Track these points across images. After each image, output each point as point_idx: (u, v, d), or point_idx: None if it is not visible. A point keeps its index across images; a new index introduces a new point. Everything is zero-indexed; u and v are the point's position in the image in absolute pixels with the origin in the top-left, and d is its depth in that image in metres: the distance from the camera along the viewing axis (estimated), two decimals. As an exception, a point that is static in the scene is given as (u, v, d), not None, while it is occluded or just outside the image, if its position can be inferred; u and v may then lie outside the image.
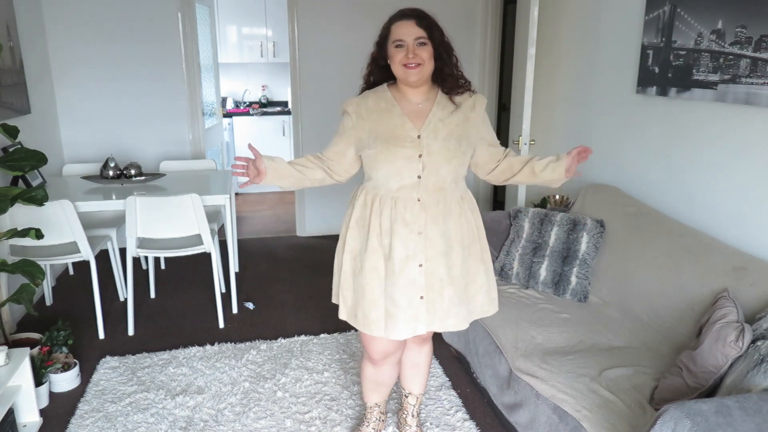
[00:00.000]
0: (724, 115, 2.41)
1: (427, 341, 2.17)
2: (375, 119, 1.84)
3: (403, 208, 1.83)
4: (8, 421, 2.22)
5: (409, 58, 1.76)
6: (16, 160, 2.61)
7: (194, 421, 2.42)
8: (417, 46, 1.77)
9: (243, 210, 5.90)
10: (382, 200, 1.85)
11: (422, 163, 1.80)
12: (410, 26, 1.78)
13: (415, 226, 1.83)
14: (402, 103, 1.86)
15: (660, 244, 2.47)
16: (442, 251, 1.85)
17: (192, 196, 2.98)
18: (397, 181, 1.82)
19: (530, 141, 3.54)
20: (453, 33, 1.88)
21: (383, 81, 1.91)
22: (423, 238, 1.83)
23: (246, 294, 3.69)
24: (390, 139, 1.81)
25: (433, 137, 1.81)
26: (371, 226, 1.86)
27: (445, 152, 1.80)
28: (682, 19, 2.58)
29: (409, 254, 1.83)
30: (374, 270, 1.87)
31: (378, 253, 1.86)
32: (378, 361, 2.07)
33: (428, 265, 1.85)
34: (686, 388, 1.80)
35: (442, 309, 1.88)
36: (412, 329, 1.88)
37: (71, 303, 3.55)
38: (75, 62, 4.15)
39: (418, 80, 1.80)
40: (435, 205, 1.84)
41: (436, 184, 1.83)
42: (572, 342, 2.27)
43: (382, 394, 2.23)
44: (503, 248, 2.90)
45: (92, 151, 4.30)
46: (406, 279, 1.84)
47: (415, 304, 1.86)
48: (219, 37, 6.06)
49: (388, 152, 1.80)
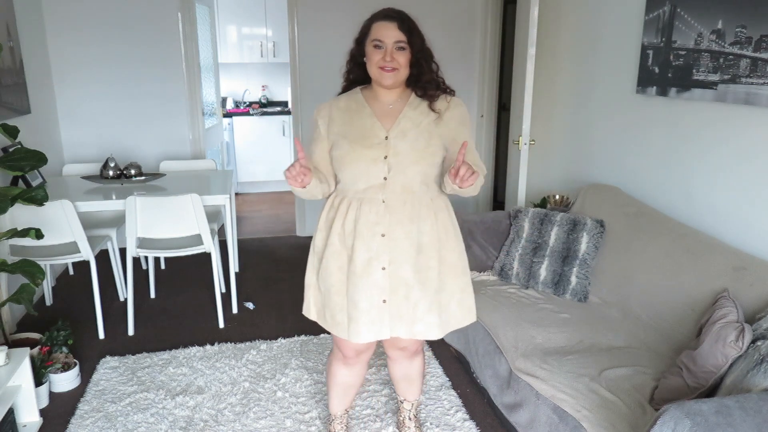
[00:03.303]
0: (724, 115, 2.41)
1: (417, 353, 2.12)
2: (345, 120, 1.82)
3: (368, 210, 1.80)
4: (8, 421, 2.22)
5: (386, 61, 1.74)
6: (16, 160, 2.62)
7: (194, 421, 2.42)
8: (396, 50, 1.74)
9: (243, 210, 5.90)
10: (348, 201, 1.83)
11: (388, 164, 1.77)
12: (392, 28, 1.75)
13: (378, 228, 1.80)
14: (373, 103, 1.84)
15: (660, 244, 2.47)
16: (409, 255, 1.81)
17: (192, 196, 2.98)
18: (363, 182, 1.79)
19: (530, 141, 3.54)
20: (453, 33, 1.88)
21: (363, 79, 1.88)
22: (387, 240, 1.80)
23: (246, 294, 3.69)
24: (357, 140, 1.78)
25: (401, 138, 1.78)
26: (334, 227, 1.84)
27: (412, 153, 1.77)
28: (682, 19, 2.58)
29: (371, 256, 1.80)
30: (339, 271, 1.85)
31: (341, 254, 1.84)
32: (351, 359, 2.05)
33: (392, 268, 1.81)
34: (686, 388, 1.80)
35: (409, 314, 1.84)
36: (375, 333, 1.84)
37: (71, 303, 3.55)
38: (75, 62, 4.16)
39: (392, 84, 1.79)
40: (401, 207, 1.80)
41: (404, 186, 1.79)
42: (572, 342, 2.27)
43: (350, 398, 2.21)
44: (503, 248, 2.90)
45: (92, 151, 4.30)
46: (368, 282, 1.81)
47: (377, 307, 1.82)
48: (219, 37, 6.06)
49: (354, 153, 1.78)
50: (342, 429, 2.25)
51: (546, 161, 3.94)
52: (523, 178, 3.60)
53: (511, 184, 3.82)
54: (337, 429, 2.24)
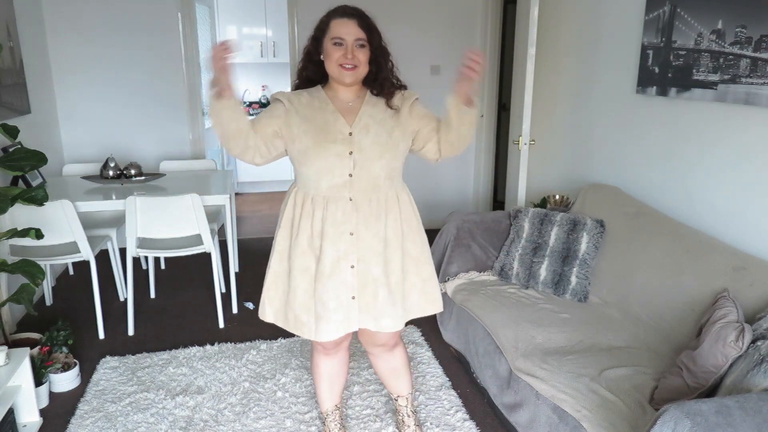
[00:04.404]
0: (724, 115, 2.41)
1: (397, 345, 2.12)
2: (308, 114, 1.81)
3: (335, 209, 1.79)
4: (8, 421, 2.22)
5: (347, 59, 1.74)
6: (16, 160, 2.62)
7: (194, 421, 2.42)
8: (356, 47, 1.75)
9: (243, 210, 5.90)
10: (314, 201, 1.82)
11: (353, 160, 1.77)
12: (352, 26, 1.75)
13: (346, 226, 1.80)
14: (333, 101, 1.85)
15: (660, 244, 2.47)
16: (376, 251, 1.83)
17: (192, 196, 2.98)
18: (327, 180, 1.78)
19: (530, 141, 3.54)
20: (453, 33, 1.88)
21: (317, 77, 1.87)
22: (355, 239, 1.81)
23: (246, 294, 3.69)
24: (321, 134, 1.77)
25: (365, 133, 1.79)
26: (301, 227, 1.83)
27: (376, 147, 1.78)
28: (682, 19, 2.58)
29: (340, 255, 1.81)
30: (305, 272, 1.84)
31: (308, 255, 1.83)
32: (331, 350, 2.06)
33: (361, 266, 1.82)
34: (686, 388, 1.80)
35: (376, 309, 1.85)
36: (344, 328, 1.86)
37: (71, 303, 3.55)
38: (75, 62, 4.16)
39: (352, 81, 1.80)
40: (368, 205, 1.81)
41: (370, 182, 1.79)
42: (572, 342, 2.27)
43: (337, 392, 2.21)
44: (503, 248, 2.90)
45: (92, 151, 4.30)
46: (336, 281, 1.81)
47: (346, 305, 1.83)
48: (219, 37, 6.06)
49: (319, 148, 1.76)
50: (336, 427, 2.25)
51: (546, 161, 3.94)
52: (523, 178, 3.60)
53: (511, 184, 3.82)
54: (332, 427, 2.24)
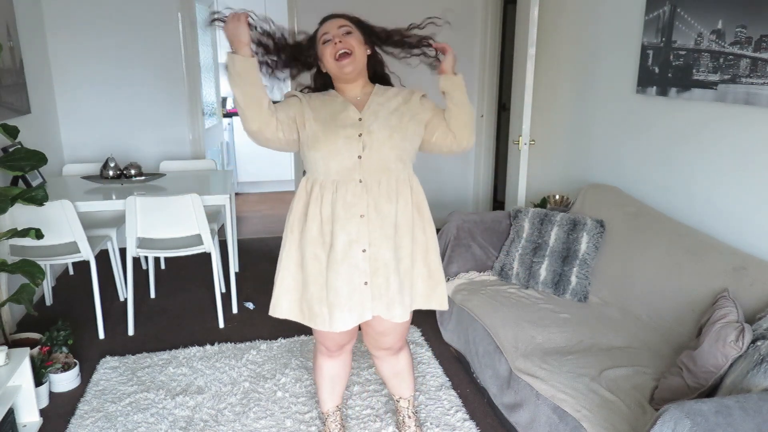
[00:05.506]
0: (724, 115, 2.41)
1: (402, 349, 2.12)
2: (318, 105, 1.84)
3: (345, 191, 1.78)
4: (8, 421, 2.22)
5: (336, 45, 1.76)
6: (16, 160, 2.62)
7: (194, 421, 2.42)
8: (343, 34, 1.78)
9: (243, 210, 5.91)
10: (323, 186, 1.80)
11: (362, 142, 1.77)
12: (335, 21, 1.82)
13: (356, 209, 1.78)
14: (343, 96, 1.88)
15: (660, 244, 2.47)
16: (387, 234, 1.81)
17: (192, 196, 2.98)
18: (337, 162, 1.77)
19: (530, 141, 3.54)
20: (453, 33, 1.89)
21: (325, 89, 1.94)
22: (366, 221, 1.79)
23: (246, 294, 3.69)
24: (330, 120, 1.79)
25: (374, 118, 1.80)
26: (310, 214, 1.81)
27: (386, 129, 1.78)
28: (682, 19, 2.58)
29: (352, 239, 1.79)
30: (315, 260, 1.82)
31: (318, 243, 1.81)
32: (334, 352, 2.05)
33: (372, 250, 1.80)
34: (686, 388, 1.80)
35: (388, 296, 1.83)
36: (358, 316, 1.83)
37: (71, 303, 3.55)
38: (75, 62, 4.16)
39: (352, 71, 1.80)
40: (378, 186, 1.79)
41: (380, 164, 1.78)
42: (572, 342, 2.27)
43: (338, 393, 2.21)
44: (503, 248, 2.90)
45: (92, 151, 4.30)
46: (348, 265, 1.79)
47: (359, 291, 1.81)
48: (219, 37, 6.05)
49: (328, 131, 1.77)
50: (337, 427, 2.25)
51: (546, 161, 3.94)
52: (523, 178, 3.60)
53: (511, 184, 3.82)
54: (332, 428, 2.24)
